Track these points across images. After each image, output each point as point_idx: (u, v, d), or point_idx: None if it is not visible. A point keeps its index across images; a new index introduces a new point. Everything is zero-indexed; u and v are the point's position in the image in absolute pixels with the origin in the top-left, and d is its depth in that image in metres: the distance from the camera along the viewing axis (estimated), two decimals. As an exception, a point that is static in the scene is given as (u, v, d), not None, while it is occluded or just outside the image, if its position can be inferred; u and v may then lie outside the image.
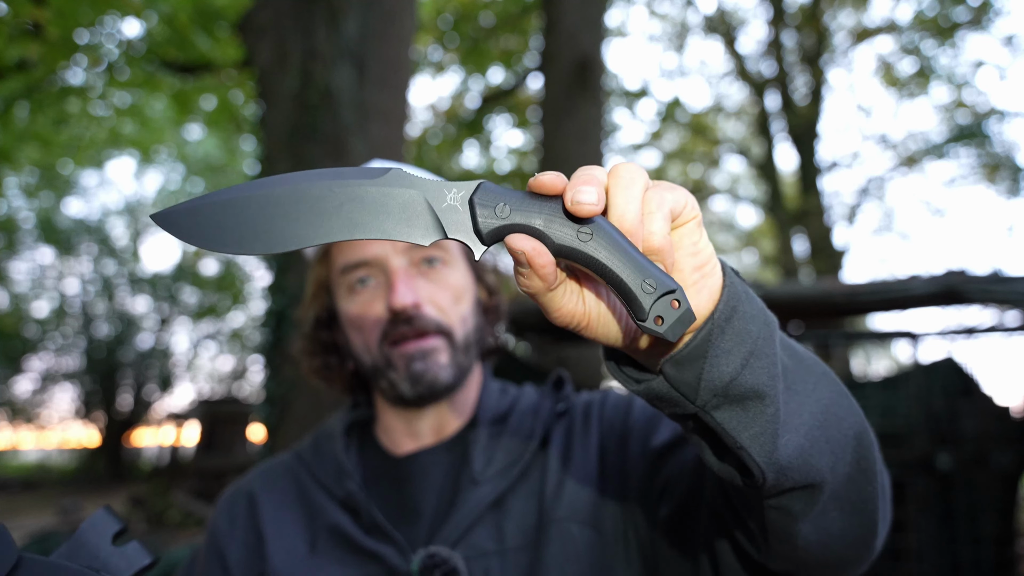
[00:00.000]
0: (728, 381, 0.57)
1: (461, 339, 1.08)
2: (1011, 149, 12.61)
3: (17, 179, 15.42)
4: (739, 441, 0.58)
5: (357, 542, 0.98)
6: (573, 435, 1.06)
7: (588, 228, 0.53)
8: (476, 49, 10.95)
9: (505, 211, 0.55)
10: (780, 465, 0.60)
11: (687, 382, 0.57)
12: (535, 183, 0.55)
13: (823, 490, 0.65)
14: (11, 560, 0.54)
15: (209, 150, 18.22)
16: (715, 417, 0.58)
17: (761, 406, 0.58)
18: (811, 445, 0.62)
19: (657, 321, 0.52)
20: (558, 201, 0.55)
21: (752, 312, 0.59)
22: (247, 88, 8.19)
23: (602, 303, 0.59)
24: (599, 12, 6.89)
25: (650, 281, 0.52)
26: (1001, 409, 3.73)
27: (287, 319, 3.77)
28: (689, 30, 15.92)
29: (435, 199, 0.57)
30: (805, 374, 0.65)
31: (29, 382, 19.97)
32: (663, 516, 0.91)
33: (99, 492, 15.75)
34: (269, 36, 4.21)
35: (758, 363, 0.58)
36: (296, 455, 1.17)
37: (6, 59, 6.98)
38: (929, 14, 12.02)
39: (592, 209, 0.53)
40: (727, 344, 0.57)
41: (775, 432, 0.59)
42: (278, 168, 3.97)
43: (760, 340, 0.59)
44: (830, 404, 0.66)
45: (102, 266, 19.66)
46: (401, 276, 1.04)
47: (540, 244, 0.54)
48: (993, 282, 3.17)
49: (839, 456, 0.65)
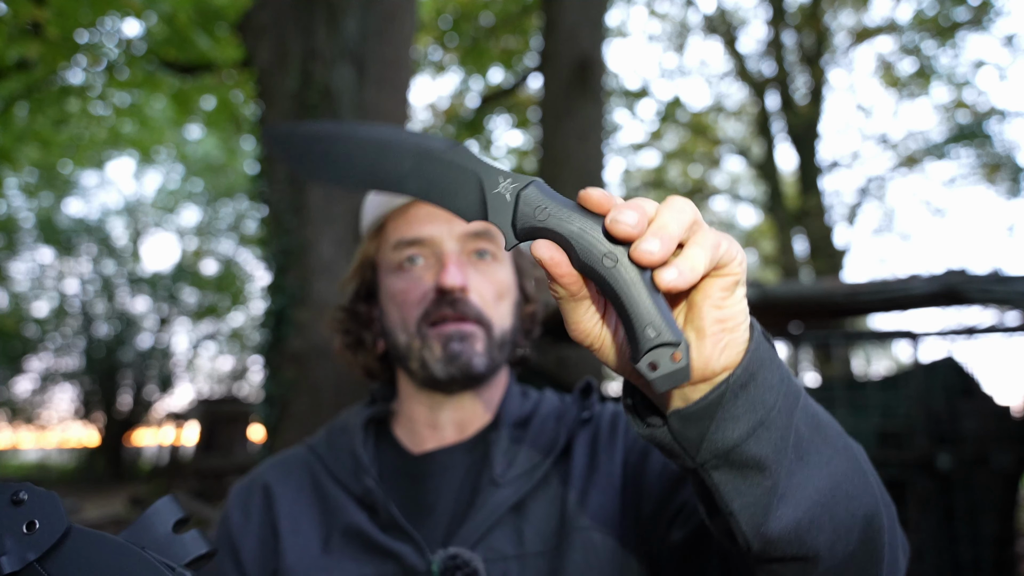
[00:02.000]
0: (731, 447, 0.56)
1: (498, 334, 1.07)
2: (1011, 149, 12.62)
3: (17, 179, 15.42)
4: (730, 507, 0.58)
5: (374, 540, 0.96)
6: (599, 444, 1.05)
7: (615, 255, 0.53)
8: (476, 49, 10.95)
9: (544, 215, 0.57)
10: (768, 538, 0.59)
11: (690, 439, 0.57)
12: (584, 195, 0.55)
13: (818, 565, 0.63)
14: (61, 528, 0.57)
15: (209, 150, 18.23)
16: (712, 477, 0.58)
17: (760, 478, 0.57)
18: (810, 521, 0.61)
19: (651, 366, 0.51)
20: (599, 220, 0.55)
21: (772, 382, 0.58)
22: (247, 88, 8.18)
23: (608, 331, 0.60)
24: (599, 12, 6.89)
25: (657, 325, 0.51)
26: (1001, 409, 3.73)
27: (287, 319, 3.77)
28: (689, 30, 15.92)
29: (488, 183, 0.60)
30: (822, 445, 0.63)
31: (29, 382, 19.98)
32: (676, 540, 0.89)
33: (99, 492, 15.75)
34: (269, 36, 4.21)
35: (766, 434, 0.57)
36: (309, 448, 1.15)
37: (6, 59, 6.98)
38: (929, 14, 12.03)
39: (629, 230, 0.52)
40: (738, 410, 0.56)
41: (768, 505, 0.58)
42: (278, 168, 3.97)
43: (774, 411, 0.57)
44: (843, 480, 0.64)
45: (102, 266, 19.66)
46: (454, 259, 1.04)
47: (561, 255, 0.55)
48: (993, 282, 3.17)
49: (841, 535, 0.63)
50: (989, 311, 4.12)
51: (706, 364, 0.56)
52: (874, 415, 3.77)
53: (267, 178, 4.06)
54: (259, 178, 4.23)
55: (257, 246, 16.06)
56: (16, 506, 0.58)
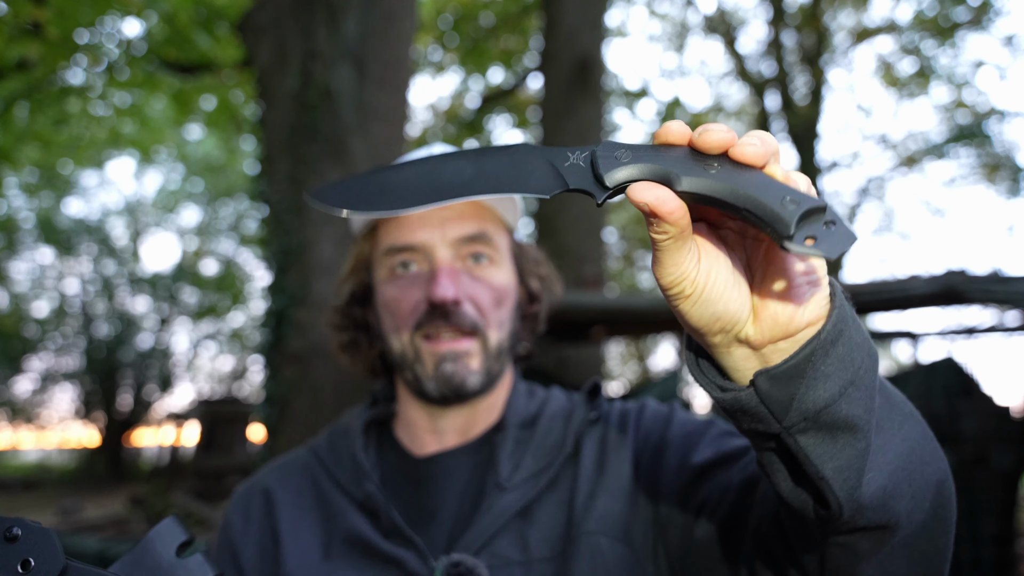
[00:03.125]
0: (823, 407, 0.54)
1: (495, 344, 1.04)
2: (1011, 149, 12.63)
3: (17, 179, 15.42)
4: (821, 472, 0.55)
5: (375, 546, 0.94)
6: (607, 445, 1.02)
7: (714, 164, 0.51)
8: (476, 49, 10.95)
9: (626, 156, 0.54)
10: (860, 503, 0.57)
11: (779, 400, 0.54)
12: (662, 132, 0.54)
13: (896, 534, 0.62)
14: (58, 567, 0.54)
15: (209, 150, 18.23)
16: (799, 442, 0.55)
17: (852, 439, 0.55)
18: (894, 487, 0.59)
19: (808, 240, 0.46)
20: (682, 149, 0.53)
21: (858, 340, 0.56)
22: (247, 88, 8.19)
23: (716, 274, 0.55)
24: (599, 12, 6.89)
25: (792, 196, 0.47)
26: (1001, 409, 3.73)
27: (287, 319, 3.77)
28: (689, 30, 15.92)
29: (558, 160, 0.59)
30: (892, 411, 0.62)
31: (29, 382, 19.99)
32: (699, 537, 0.86)
33: (99, 492, 15.75)
34: (269, 36, 4.21)
35: (857, 393, 0.55)
36: (312, 451, 1.13)
37: (6, 59, 6.98)
38: (929, 14, 12.02)
39: (721, 138, 0.51)
40: (829, 368, 0.54)
41: (862, 468, 0.56)
42: (278, 168, 3.97)
43: (862, 370, 0.56)
44: (915, 446, 0.62)
45: (102, 266, 19.67)
46: (445, 269, 1.01)
47: (665, 191, 0.51)
48: (993, 282, 3.16)
49: (918, 502, 0.62)
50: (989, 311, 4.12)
51: (791, 319, 0.54)
52: (874, 415, 3.77)
53: (267, 178, 4.06)
54: (259, 178, 4.23)
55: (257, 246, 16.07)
56: (9, 543, 0.55)
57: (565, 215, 6.10)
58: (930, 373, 3.81)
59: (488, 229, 1.06)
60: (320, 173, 3.84)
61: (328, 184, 0.63)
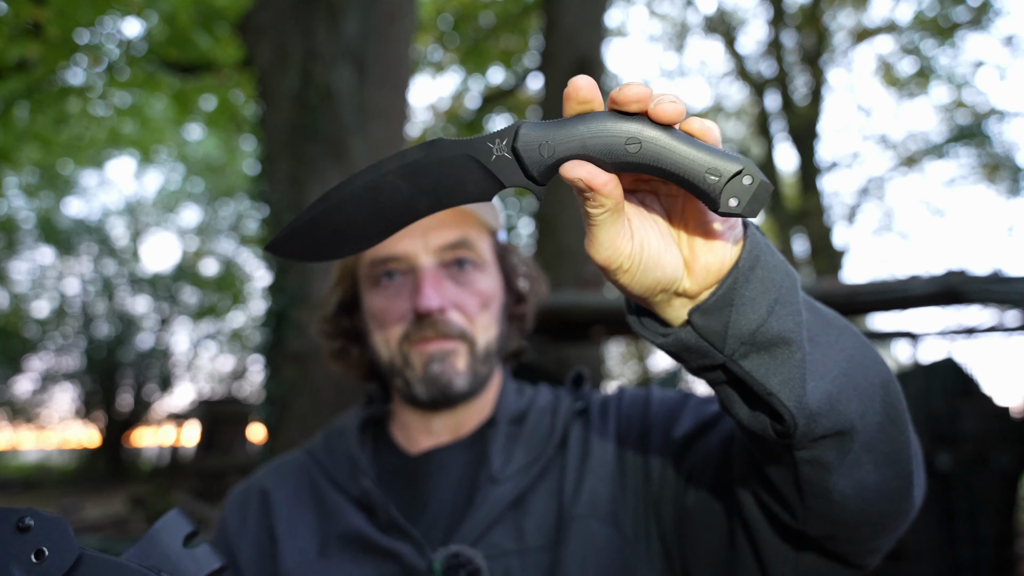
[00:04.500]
0: (755, 328, 0.58)
1: (482, 348, 1.06)
2: (1011, 149, 12.63)
3: (17, 179, 15.42)
4: (768, 387, 0.59)
5: (373, 541, 0.96)
6: (591, 432, 1.05)
7: (636, 132, 0.53)
8: (476, 49, 10.95)
9: (548, 150, 0.55)
10: (810, 410, 0.60)
11: (715, 331, 0.59)
12: (578, 101, 0.54)
13: (854, 438, 0.65)
14: (72, 556, 0.55)
15: (209, 150, 18.23)
16: (743, 366, 0.60)
17: (788, 351, 0.59)
18: (839, 391, 0.63)
19: (732, 203, 0.51)
20: (600, 115, 0.54)
21: (774, 263, 0.61)
22: (247, 88, 8.19)
23: (650, 243, 0.59)
24: (599, 12, 6.89)
25: (716, 164, 0.51)
26: (1001, 409, 3.73)
27: (287, 319, 3.77)
28: (689, 30, 15.92)
29: (483, 155, 0.58)
30: (827, 327, 0.66)
31: (29, 382, 20.00)
32: (690, 505, 0.90)
33: (99, 492, 15.75)
34: (269, 36, 4.21)
35: (783, 310, 0.59)
36: (308, 452, 1.15)
37: (6, 59, 6.98)
38: (929, 14, 12.03)
39: (641, 97, 0.52)
40: (752, 292, 0.58)
41: (803, 376, 0.60)
42: (278, 168, 3.97)
43: (783, 289, 0.60)
44: (854, 353, 0.67)
45: (102, 266, 19.67)
46: (429, 278, 1.02)
47: (592, 167, 0.53)
48: (993, 282, 3.17)
49: (867, 404, 0.66)
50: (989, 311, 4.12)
51: (722, 264, 0.59)
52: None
53: (267, 178, 4.07)
54: (259, 178, 4.23)
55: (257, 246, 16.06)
56: (22, 533, 0.55)
57: (565, 215, 6.10)
58: (930, 373, 3.81)
59: (470, 234, 1.08)
60: (320, 173, 3.84)
61: (280, 235, 0.62)
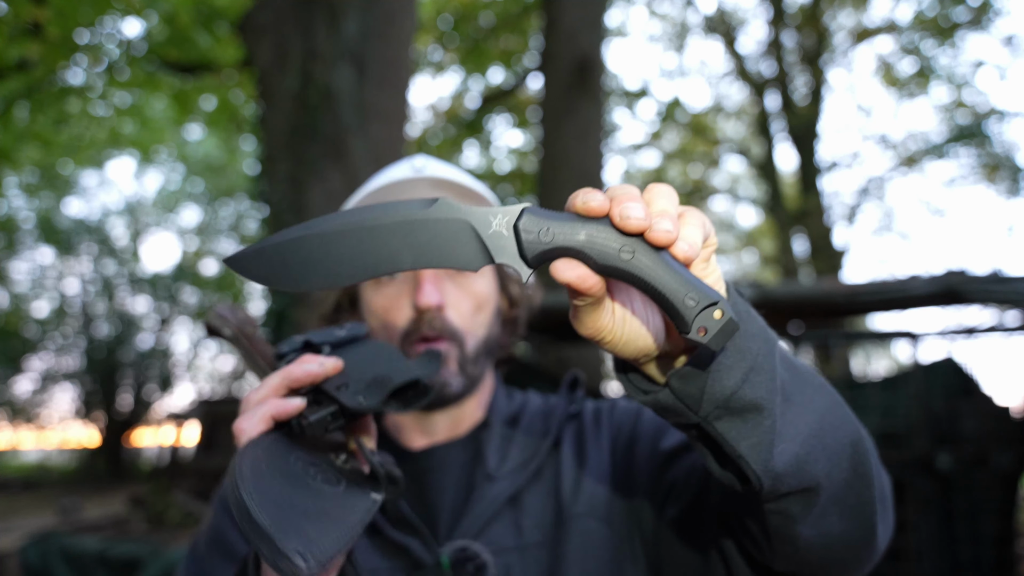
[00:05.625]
0: (729, 395, 0.60)
1: (472, 350, 1.08)
2: (1011, 149, 12.62)
3: (17, 179, 15.42)
4: (738, 450, 0.62)
5: (385, 533, 0.98)
6: (585, 436, 1.09)
7: (630, 246, 0.55)
8: (476, 49, 10.95)
9: (549, 235, 0.57)
10: (776, 472, 0.63)
11: (691, 394, 0.61)
12: (584, 207, 0.56)
13: (820, 494, 0.68)
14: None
15: (209, 150, 18.23)
16: (716, 427, 0.62)
17: (759, 418, 0.62)
18: (807, 453, 0.66)
19: (700, 332, 0.54)
20: (601, 221, 0.56)
21: (753, 331, 0.63)
22: (247, 88, 8.19)
23: (632, 318, 0.62)
24: (599, 12, 6.89)
25: (693, 294, 0.54)
26: (1001, 409, 3.73)
27: (287, 319, 3.77)
28: (689, 30, 15.92)
29: (481, 226, 0.59)
30: (802, 386, 0.69)
31: (29, 382, 19.97)
32: (670, 517, 0.94)
33: (99, 492, 15.75)
34: (269, 36, 4.21)
35: (757, 378, 0.62)
36: None
37: (6, 59, 6.98)
38: (929, 14, 12.03)
39: (640, 224, 0.54)
40: (729, 360, 0.61)
41: (771, 442, 0.62)
42: (278, 168, 3.97)
43: (760, 356, 0.62)
44: (826, 414, 0.70)
45: (102, 266, 19.66)
46: (429, 276, 1.05)
47: (585, 269, 0.56)
48: (993, 282, 3.17)
49: (835, 462, 0.69)
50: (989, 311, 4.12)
51: None
52: (874, 415, 3.77)
53: (267, 178, 4.07)
54: (259, 178, 4.23)
55: (257, 246, 15.99)
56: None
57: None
58: (930, 373, 3.81)
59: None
60: (320, 173, 3.84)
61: (247, 251, 0.62)
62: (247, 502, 0.58)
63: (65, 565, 5.57)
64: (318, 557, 0.56)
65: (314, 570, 0.55)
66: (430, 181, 1.11)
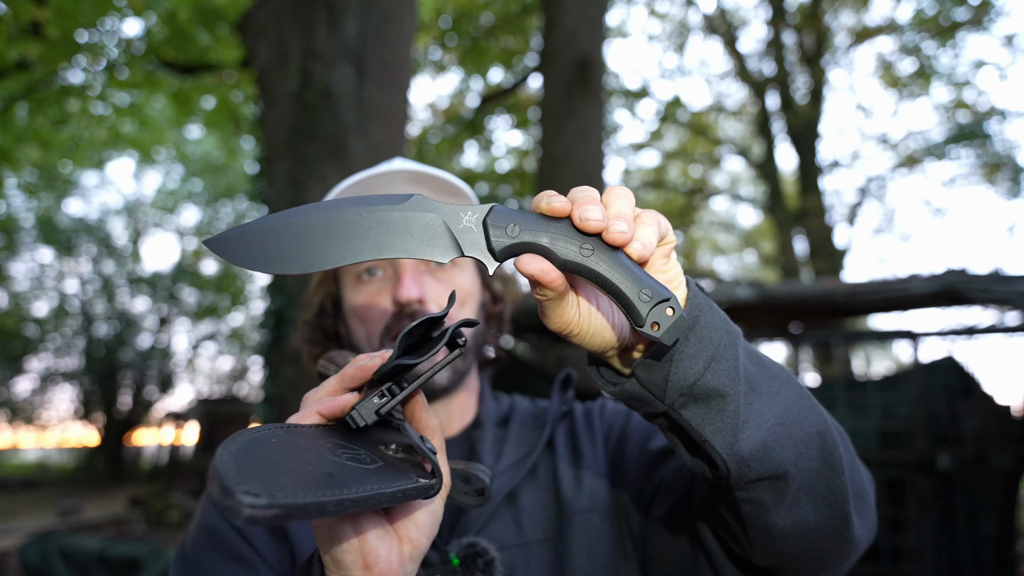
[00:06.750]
0: (692, 382, 0.64)
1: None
2: (1011, 149, 12.62)
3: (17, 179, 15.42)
4: (703, 435, 0.65)
5: None
6: (578, 434, 1.10)
7: (589, 244, 0.60)
8: (476, 49, 10.95)
9: (515, 231, 0.62)
10: (741, 457, 0.66)
11: (656, 383, 0.65)
12: (548, 208, 0.62)
13: (789, 482, 0.70)
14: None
15: (209, 150, 18.24)
16: (682, 415, 0.65)
17: (722, 404, 0.65)
18: (773, 440, 0.69)
19: (653, 327, 0.58)
20: (563, 221, 0.62)
21: (714, 322, 0.67)
22: (247, 88, 8.19)
23: (596, 313, 0.66)
24: (599, 12, 6.89)
25: (646, 291, 0.58)
26: (1001, 409, 3.73)
27: (287, 319, 3.77)
28: (689, 30, 15.92)
29: (452, 221, 0.64)
30: (768, 378, 0.72)
31: (29, 382, 19.99)
32: (657, 515, 0.95)
33: (99, 492, 15.75)
34: (269, 36, 4.21)
35: (719, 366, 0.65)
36: None
37: (6, 59, 6.98)
38: (929, 14, 12.02)
39: (599, 225, 0.59)
40: (691, 349, 0.64)
41: (736, 427, 0.65)
42: (278, 168, 3.97)
43: (721, 346, 0.66)
44: (793, 405, 0.72)
45: (102, 266, 19.66)
46: (409, 271, 1.07)
47: (547, 264, 0.60)
48: (993, 282, 3.17)
49: (802, 451, 0.71)
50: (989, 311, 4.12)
51: None
52: (874, 415, 3.77)
53: (267, 178, 4.06)
54: (259, 178, 4.23)
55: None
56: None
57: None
58: (930, 373, 3.81)
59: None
60: (320, 173, 3.84)
61: (227, 234, 0.64)
62: (218, 452, 0.52)
63: (64, 565, 5.58)
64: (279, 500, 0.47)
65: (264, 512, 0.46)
66: (407, 174, 1.13)
